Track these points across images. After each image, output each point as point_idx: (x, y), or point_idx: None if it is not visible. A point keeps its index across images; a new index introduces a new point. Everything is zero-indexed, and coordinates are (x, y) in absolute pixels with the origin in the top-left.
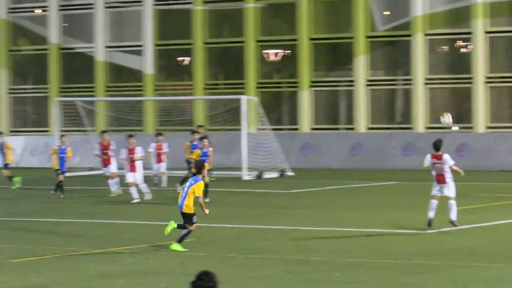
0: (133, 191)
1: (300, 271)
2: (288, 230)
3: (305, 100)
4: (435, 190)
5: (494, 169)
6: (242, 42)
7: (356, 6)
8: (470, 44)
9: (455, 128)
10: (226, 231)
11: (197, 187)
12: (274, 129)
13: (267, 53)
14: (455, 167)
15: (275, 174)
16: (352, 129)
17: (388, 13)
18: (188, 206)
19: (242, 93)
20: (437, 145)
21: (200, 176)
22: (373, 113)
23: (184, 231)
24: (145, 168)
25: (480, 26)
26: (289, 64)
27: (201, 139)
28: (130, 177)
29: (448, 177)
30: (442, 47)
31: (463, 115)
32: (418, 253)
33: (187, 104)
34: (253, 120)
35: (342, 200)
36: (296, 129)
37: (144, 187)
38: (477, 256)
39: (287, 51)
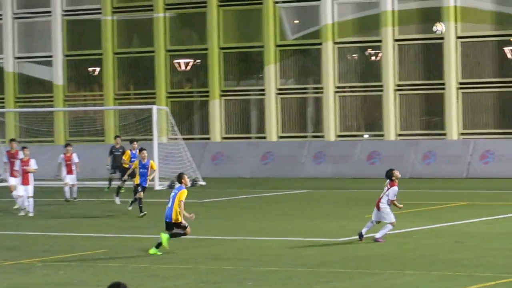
0: (20, 202)
1: (213, 281)
2: (200, 240)
3: (216, 110)
4: (373, 213)
5: (405, 176)
6: (152, 51)
7: (266, 15)
8: (379, 52)
9: (366, 136)
10: (139, 241)
11: (181, 194)
12: (185, 139)
13: (178, 62)
14: (394, 202)
15: None
16: (263, 138)
17: (298, 21)
18: (176, 214)
19: (153, 103)
20: (388, 174)
21: (182, 185)
22: (284, 122)
23: (181, 232)
24: (55, 180)
25: (389, 34)
26: (199, 73)
27: (140, 150)
28: (21, 190)
29: (383, 202)
30: (352, 55)
31: (373, 123)
32: (331, 261)
33: (98, 115)
34: (164, 130)
35: (254, 209)
36: (207, 138)
37: (31, 201)
38: (389, 263)
39: (198, 60)
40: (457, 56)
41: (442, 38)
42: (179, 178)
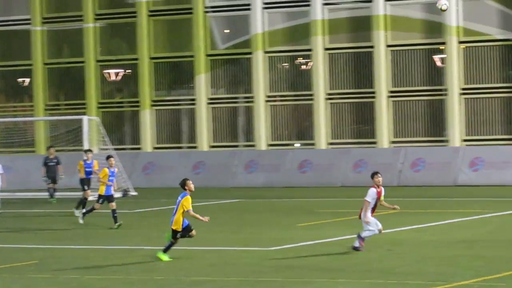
0: None
1: None
2: (132, 250)
3: (147, 120)
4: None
5: (337, 184)
6: (82, 62)
7: (196, 24)
8: (310, 61)
9: (297, 144)
10: (71, 252)
11: (185, 201)
12: (116, 149)
13: (108, 72)
14: (365, 201)
15: (118, 194)
16: (194, 147)
17: (228, 31)
18: (177, 222)
19: (83, 113)
20: (371, 176)
21: (186, 191)
22: (215, 131)
23: (168, 243)
24: None
25: (319, 43)
26: (130, 83)
27: (107, 158)
28: None
29: (366, 210)
30: (283, 64)
31: (304, 132)
32: (263, 270)
33: (28, 125)
34: (95, 140)
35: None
36: (138, 148)
37: None
38: (321, 272)
39: (128, 70)
40: (387, 64)
41: (372, 47)
42: (183, 184)
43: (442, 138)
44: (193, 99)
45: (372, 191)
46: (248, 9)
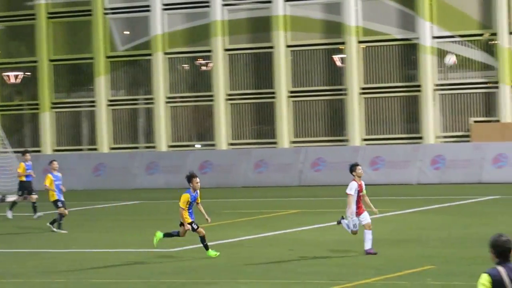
0: None
1: None
2: (33, 253)
3: (47, 122)
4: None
5: (238, 185)
6: None
7: (95, 26)
8: (210, 62)
9: (198, 145)
10: None
11: (181, 199)
12: (16, 152)
13: (7, 75)
14: (347, 194)
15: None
16: (95, 149)
17: (128, 32)
18: (184, 218)
19: None
20: (350, 169)
21: (190, 188)
22: (115, 133)
23: (199, 239)
24: None
25: (219, 44)
26: (29, 86)
27: (51, 162)
28: None
29: (350, 205)
30: (183, 65)
31: (205, 133)
32: (164, 271)
33: None
34: None
35: (86, 221)
36: (38, 151)
37: None
38: (223, 273)
39: (27, 73)
40: (287, 65)
41: (271, 47)
42: (188, 179)
43: (342, 138)
44: (93, 101)
45: (353, 184)
46: (148, 11)
